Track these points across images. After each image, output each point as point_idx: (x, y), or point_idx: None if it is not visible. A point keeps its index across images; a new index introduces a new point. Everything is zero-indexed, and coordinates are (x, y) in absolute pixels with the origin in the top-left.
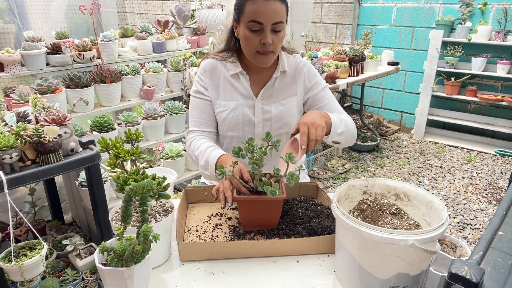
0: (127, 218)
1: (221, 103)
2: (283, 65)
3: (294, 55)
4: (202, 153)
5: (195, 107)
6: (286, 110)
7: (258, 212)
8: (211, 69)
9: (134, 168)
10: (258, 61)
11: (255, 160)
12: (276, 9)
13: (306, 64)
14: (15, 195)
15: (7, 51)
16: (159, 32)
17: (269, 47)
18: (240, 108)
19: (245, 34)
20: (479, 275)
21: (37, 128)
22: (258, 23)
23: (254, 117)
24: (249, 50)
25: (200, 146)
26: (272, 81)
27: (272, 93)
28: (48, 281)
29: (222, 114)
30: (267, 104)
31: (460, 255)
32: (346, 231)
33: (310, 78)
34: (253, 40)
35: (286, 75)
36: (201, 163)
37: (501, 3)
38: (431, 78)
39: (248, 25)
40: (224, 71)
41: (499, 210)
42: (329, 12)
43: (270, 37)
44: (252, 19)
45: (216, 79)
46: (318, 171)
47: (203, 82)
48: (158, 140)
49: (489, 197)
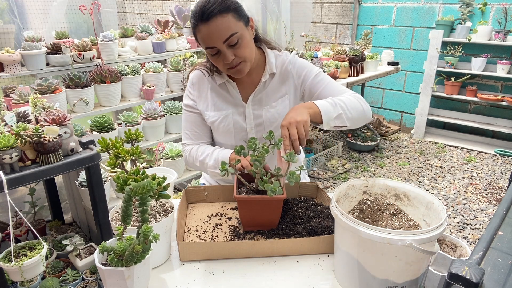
0: (127, 218)
1: (211, 114)
2: (271, 67)
3: (282, 52)
4: (209, 155)
5: (187, 120)
6: (277, 112)
7: (258, 212)
8: (198, 81)
9: (134, 168)
10: (234, 75)
11: (257, 157)
12: (219, 27)
13: (291, 61)
14: (15, 195)
15: (7, 51)
16: (159, 32)
17: (235, 61)
18: (231, 117)
19: (210, 58)
20: (479, 275)
21: (37, 128)
22: (211, 48)
23: (245, 124)
24: (222, 69)
25: (204, 151)
26: (261, 85)
27: (262, 97)
28: (48, 281)
29: (214, 125)
30: (258, 109)
31: (460, 255)
32: (345, 231)
33: (299, 72)
34: (218, 61)
35: (274, 77)
36: (210, 163)
37: (501, 3)
38: (431, 78)
39: (207, 52)
40: (212, 81)
41: (499, 210)
42: (329, 12)
43: (230, 53)
44: (206, 46)
45: (204, 90)
46: (318, 171)
47: (192, 95)
48: (158, 140)
49: (489, 197)
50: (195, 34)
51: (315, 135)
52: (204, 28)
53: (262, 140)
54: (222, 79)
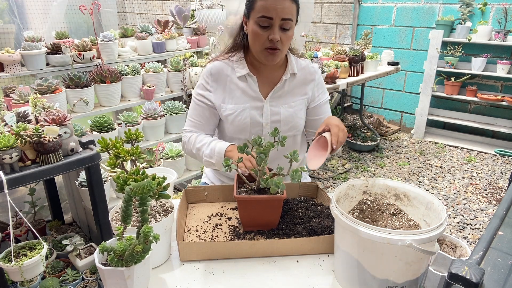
0: (127, 218)
1: (228, 107)
2: (293, 67)
3: (304, 60)
4: (207, 144)
5: (195, 108)
6: (295, 112)
7: (258, 212)
8: (217, 72)
9: (134, 168)
10: (265, 58)
11: (263, 150)
12: (286, 6)
13: (318, 72)
14: (15, 195)
15: (7, 51)
16: (159, 32)
17: (277, 44)
18: (248, 111)
19: (254, 29)
20: (479, 275)
21: (37, 128)
22: (267, 18)
23: (262, 118)
24: (257, 46)
25: (203, 139)
26: (282, 83)
27: (281, 95)
28: (48, 281)
29: (229, 118)
30: (276, 105)
31: (460, 255)
32: (345, 231)
33: (319, 88)
34: (262, 35)
35: (295, 78)
36: (206, 151)
37: (501, 3)
38: (431, 78)
39: (258, 21)
40: (231, 74)
41: (499, 210)
42: (329, 12)
43: (278, 34)
44: (262, 14)
45: (222, 82)
46: (318, 171)
47: (208, 85)
48: (158, 140)
49: (489, 197)
50: (256, 1)
51: None
52: (273, 0)
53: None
54: (243, 71)
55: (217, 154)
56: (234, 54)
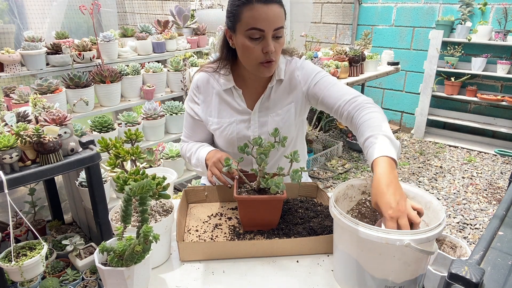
0: (127, 218)
1: (214, 121)
2: (279, 73)
3: (292, 58)
4: (193, 153)
5: (187, 119)
6: (283, 120)
7: (258, 212)
8: (202, 85)
9: (134, 168)
10: (260, 73)
11: (263, 151)
12: (276, 13)
13: (299, 68)
14: (15, 195)
15: (7, 51)
16: (159, 32)
17: (272, 55)
18: (234, 125)
19: (244, 43)
20: (479, 275)
21: (37, 128)
22: (259, 30)
23: (249, 131)
24: (251, 61)
25: (191, 148)
26: (268, 91)
27: (268, 105)
28: (48, 281)
29: (216, 132)
30: (264, 115)
31: (460, 255)
32: (343, 231)
33: (306, 79)
34: (254, 49)
35: (282, 84)
36: (193, 161)
37: (501, 3)
38: (431, 78)
39: (248, 34)
40: (217, 86)
41: (499, 210)
42: (329, 12)
43: (273, 45)
44: (252, 26)
45: (208, 95)
46: (318, 171)
47: (196, 97)
48: (158, 140)
49: (489, 197)
50: (241, 12)
51: (315, 135)
52: (261, 9)
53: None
54: (228, 84)
55: (200, 163)
56: (222, 67)
